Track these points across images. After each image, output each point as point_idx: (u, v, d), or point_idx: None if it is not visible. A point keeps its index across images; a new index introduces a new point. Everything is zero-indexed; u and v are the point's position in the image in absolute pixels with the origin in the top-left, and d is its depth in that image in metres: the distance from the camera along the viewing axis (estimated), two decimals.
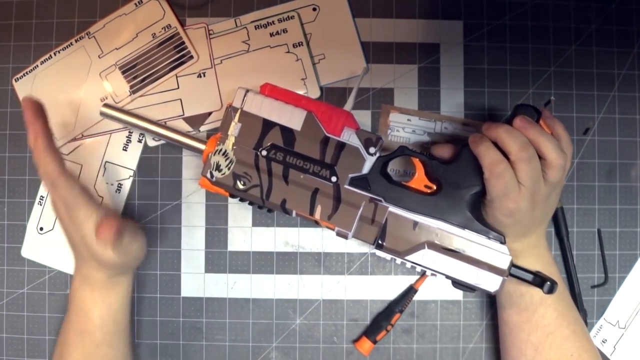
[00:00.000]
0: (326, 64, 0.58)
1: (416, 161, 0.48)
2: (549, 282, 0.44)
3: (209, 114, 0.58)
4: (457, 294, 0.57)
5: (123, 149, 0.58)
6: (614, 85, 0.58)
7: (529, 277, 0.45)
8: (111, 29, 0.58)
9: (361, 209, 0.46)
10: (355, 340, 0.57)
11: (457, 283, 0.45)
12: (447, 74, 0.58)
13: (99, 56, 0.58)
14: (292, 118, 0.46)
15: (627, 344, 0.57)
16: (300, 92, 0.57)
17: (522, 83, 0.58)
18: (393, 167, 0.56)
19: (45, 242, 0.58)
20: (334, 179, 0.46)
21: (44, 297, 0.58)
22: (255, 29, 0.58)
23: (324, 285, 0.58)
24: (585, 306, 0.56)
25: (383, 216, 0.45)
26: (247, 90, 0.47)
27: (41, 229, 0.58)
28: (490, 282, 0.44)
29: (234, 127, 0.47)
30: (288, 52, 0.57)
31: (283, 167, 0.46)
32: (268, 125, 0.47)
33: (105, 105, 0.54)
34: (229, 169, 0.47)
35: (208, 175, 0.47)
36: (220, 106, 0.58)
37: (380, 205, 0.46)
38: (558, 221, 0.56)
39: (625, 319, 0.57)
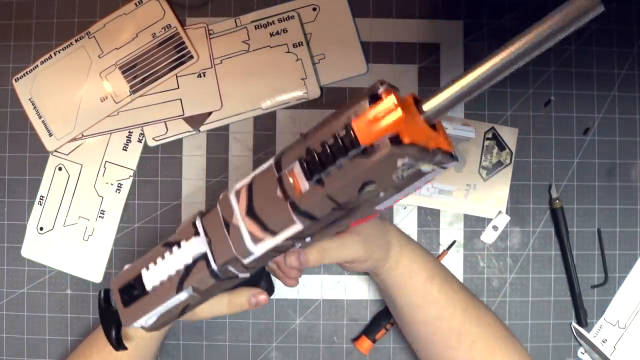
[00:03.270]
0: (326, 64, 0.58)
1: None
2: None
3: (209, 114, 0.58)
4: None
5: (123, 149, 0.58)
6: (614, 85, 0.58)
7: None
8: (111, 29, 0.58)
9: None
10: (355, 339, 0.57)
11: None
12: (447, 74, 0.58)
13: (99, 56, 0.58)
14: None
15: (627, 344, 0.57)
16: (300, 92, 0.57)
17: (522, 83, 0.58)
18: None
19: (45, 242, 0.58)
20: None
21: (44, 297, 0.58)
22: (255, 29, 0.58)
23: (324, 285, 0.58)
24: (585, 306, 0.56)
25: None
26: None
27: (41, 229, 0.58)
28: None
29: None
30: (288, 52, 0.57)
31: None
32: None
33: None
34: None
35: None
36: (220, 106, 0.58)
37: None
38: (558, 221, 0.56)
39: (625, 319, 0.57)
